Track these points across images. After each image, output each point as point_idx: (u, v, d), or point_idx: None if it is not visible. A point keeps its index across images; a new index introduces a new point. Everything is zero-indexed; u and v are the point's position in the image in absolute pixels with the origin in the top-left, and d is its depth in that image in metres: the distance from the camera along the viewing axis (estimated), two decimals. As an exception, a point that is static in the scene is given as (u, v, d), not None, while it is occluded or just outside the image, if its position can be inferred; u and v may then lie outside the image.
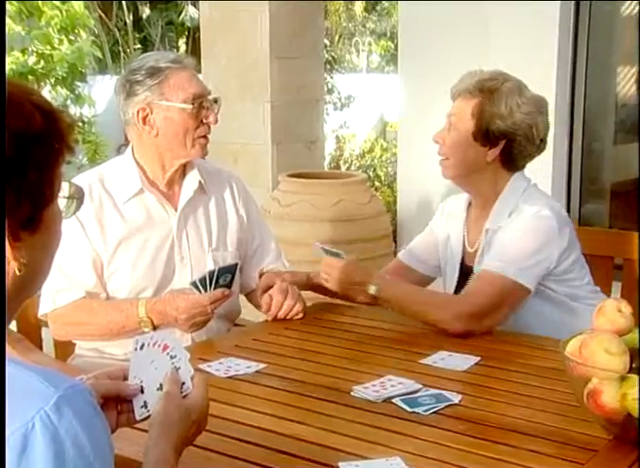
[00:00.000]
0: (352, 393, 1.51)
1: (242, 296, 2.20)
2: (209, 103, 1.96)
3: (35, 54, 6.35)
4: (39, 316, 2.02)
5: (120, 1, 9.67)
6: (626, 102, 3.70)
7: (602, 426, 1.31)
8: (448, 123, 1.99)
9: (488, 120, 1.93)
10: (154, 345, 1.19)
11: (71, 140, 0.94)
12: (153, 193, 1.99)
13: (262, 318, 2.05)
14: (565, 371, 1.33)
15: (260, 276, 2.13)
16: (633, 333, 1.32)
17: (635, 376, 1.23)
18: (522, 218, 1.92)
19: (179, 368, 1.17)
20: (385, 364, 1.67)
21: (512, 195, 1.97)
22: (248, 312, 2.28)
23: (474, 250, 2.03)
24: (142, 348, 1.19)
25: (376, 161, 8.31)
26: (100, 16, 9.37)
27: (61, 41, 6.49)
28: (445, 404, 1.46)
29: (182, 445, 1.12)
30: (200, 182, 2.04)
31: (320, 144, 4.48)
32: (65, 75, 6.33)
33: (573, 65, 3.41)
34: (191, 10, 9.61)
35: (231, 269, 1.92)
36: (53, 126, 0.91)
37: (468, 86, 1.95)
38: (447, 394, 1.49)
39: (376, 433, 1.36)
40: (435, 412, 1.42)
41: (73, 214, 1.01)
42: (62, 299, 1.95)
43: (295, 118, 4.20)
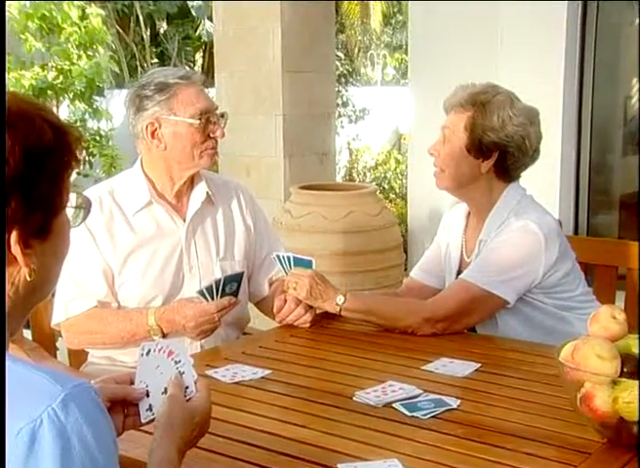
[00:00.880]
0: (354, 398, 1.55)
1: (251, 305, 2.25)
2: (216, 118, 2.01)
3: (54, 69, 6.47)
4: (52, 325, 2.07)
5: (137, 17, 9.81)
6: (635, 114, 3.72)
7: (596, 430, 1.34)
8: (442, 136, 2.02)
9: (480, 133, 1.96)
10: (159, 351, 1.24)
11: (79, 153, 0.99)
12: (162, 205, 2.04)
13: (272, 326, 2.10)
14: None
15: (270, 285, 2.18)
16: (626, 339, 1.35)
17: (626, 380, 1.26)
18: (508, 231, 1.95)
19: (183, 372, 1.21)
20: (388, 370, 1.71)
21: (506, 207, 2.00)
22: (259, 322, 2.33)
23: (470, 259, 2.06)
24: (148, 354, 1.24)
25: (390, 173, 8.36)
26: (118, 31, 9.52)
27: (80, 56, 6.60)
28: (444, 408, 1.49)
29: (186, 446, 1.16)
30: (208, 194, 2.09)
31: (332, 157, 4.54)
32: (84, 90, 6.43)
33: (580, 77, 3.44)
34: (208, 24, 9.74)
35: (237, 278, 1.96)
36: (62, 140, 0.96)
37: (460, 99, 1.98)
38: (446, 399, 1.53)
39: (375, 436, 1.39)
40: (434, 417, 1.46)
41: (81, 223, 1.07)
42: (75, 309, 2.00)
43: (307, 131, 4.26)
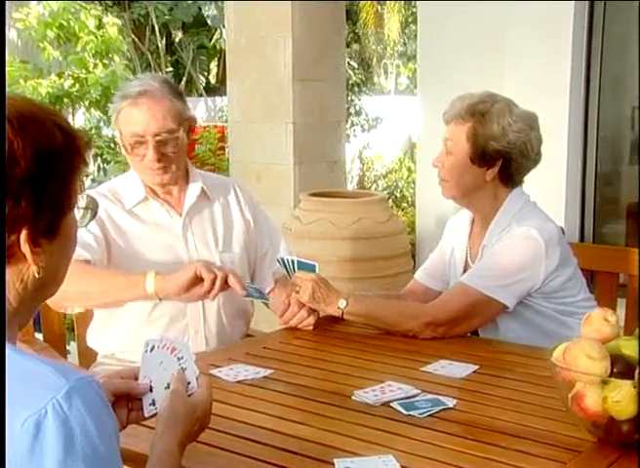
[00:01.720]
0: (353, 397, 1.59)
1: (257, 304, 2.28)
2: (152, 142, 2.00)
3: (71, 77, 6.57)
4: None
5: (153, 26, 9.93)
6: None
7: (587, 429, 1.37)
8: (445, 147, 2.06)
9: (483, 142, 1.99)
10: (163, 348, 1.29)
11: (87, 157, 1.04)
12: (157, 200, 2.12)
13: (275, 329, 2.14)
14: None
15: (275, 281, 2.22)
16: (617, 340, 1.38)
17: (616, 380, 1.29)
18: (509, 237, 1.98)
19: (185, 368, 1.26)
20: (387, 371, 1.75)
21: (509, 213, 2.03)
22: (264, 324, 2.37)
23: (475, 264, 2.10)
24: (152, 350, 1.29)
25: (403, 182, 8.41)
26: (134, 40, 9.64)
27: (96, 65, 6.70)
28: (440, 407, 1.53)
29: (187, 439, 1.20)
30: (203, 189, 2.15)
31: (341, 165, 4.58)
32: (99, 98, 6.52)
33: (586, 87, 3.47)
34: (223, 33, 9.84)
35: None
36: (71, 144, 1.00)
37: (459, 111, 2.01)
38: (443, 399, 1.56)
39: (372, 433, 1.43)
40: (430, 415, 1.49)
41: (88, 224, 1.12)
42: None
43: (317, 139, 4.31)
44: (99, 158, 6.63)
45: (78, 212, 1.07)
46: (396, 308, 2.05)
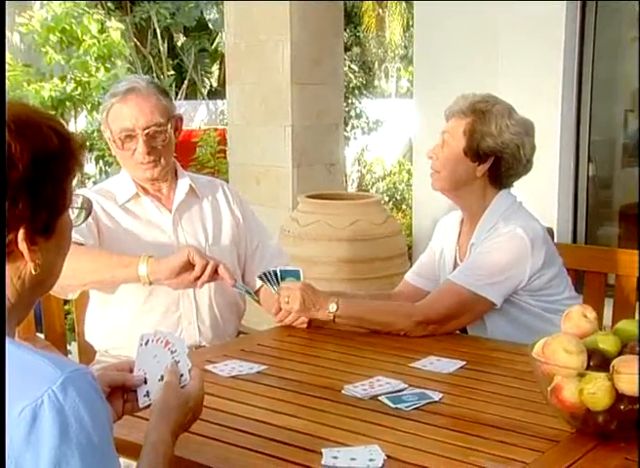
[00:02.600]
0: (343, 391, 1.64)
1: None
2: (142, 137, 2.08)
3: (73, 81, 6.62)
4: None
5: (155, 30, 10.00)
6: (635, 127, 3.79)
7: (566, 420, 1.43)
8: (441, 140, 2.14)
9: (479, 138, 2.07)
10: (157, 341, 1.34)
11: (82, 159, 1.09)
12: (148, 197, 2.20)
13: (267, 326, 2.20)
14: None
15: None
16: (595, 335, 1.44)
17: (591, 373, 1.35)
18: (496, 236, 2.04)
19: (178, 361, 1.31)
20: (377, 367, 1.80)
21: (496, 212, 2.10)
22: (259, 321, 2.42)
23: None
24: (147, 344, 1.35)
25: (403, 184, 8.46)
26: (136, 44, 9.70)
27: (98, 68, 6.74)
28: (426, 401, 1.58)
29: (179, 429, 1.24)
30: (191, 186, 2.23)
31: (339, 167, 4.64)
32: (101, 101, 6.57)
33: (578, 90, 3.53)
34: (224, 37, 9.91)
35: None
36: (66, 146, 1.05)
37: (462, 107, 2.10)
38: (429, 392, 1.62)
39: (360, 425, 1.48)
40: (417, 409, 1.55)
41: (82, 223, 1.17)
42: None
43: (315, 142, 4.37)
44: (100, 160, 6.68)
45: (73, 211, 1.12)
46: (387, 309, 2.10)
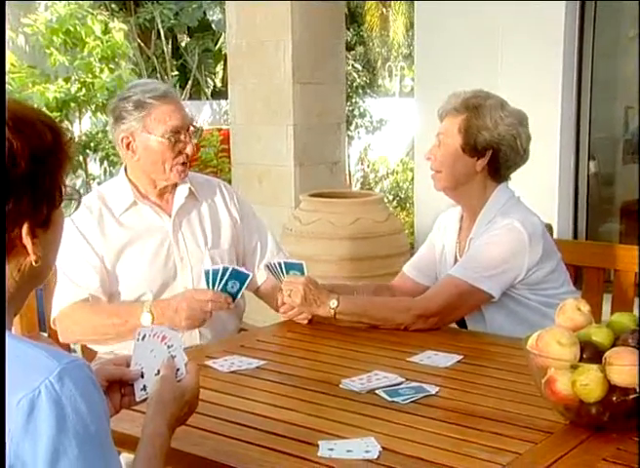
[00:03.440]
0: (340, 385, 1.67)
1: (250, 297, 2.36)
2: (186, 135, 2.14)
3: (78, 82, 6.66)
4: (51, 324, 2.18)
5: (159, 31, 10.03)
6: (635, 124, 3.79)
7: (559, 412, 1.44)
8: (437, 141, 2.16)
9: (475, 133, 2.09)
10: (154, 336, 1.36)
11: (71, 152, 1.11)
12: (146, 203, 2.20)
13: (265, 323, 2.22)
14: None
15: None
16: (588, 328, 1.46)
17: (584, 365, 1.37)
18: (494, 229, 2.07)
19: (174, 356, 1.33)
20: (375, 361, 1.82)
21: (494, 206, 2.12)
22: (261, 318, 2.44)
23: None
24: (144, 339, 1.37)
25: (407, 183, 8.47)
26: (140, 45, 9.74)
27: (102, 70, 6.78)
28: (423, 394, 1.60)
29: (176, 422, 1.26)
30: (190, 189, 2.24)
31: (341, 166, 4.66)
32: (105, 102, 6.59)
33: (578, 88, 3.54)
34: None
35: (243, 278, 2.04)
36: (58, 140, 1.08)
37: (455, 105, 2.12)
38: (426, 386, 1.64)
39: (356, 418, 1.50)
40: (413, 402, 1.57)
41: (73, 213, 1.18)
42: (67, 300, 2.12)
43: (317, 141, 4.39)
44: (105, 161, 6.72)
45: (63, 202, 1.14)
46: (386, 304, 2.12)
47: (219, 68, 11.51)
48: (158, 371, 1.31)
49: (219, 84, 11.74)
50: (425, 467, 1.31)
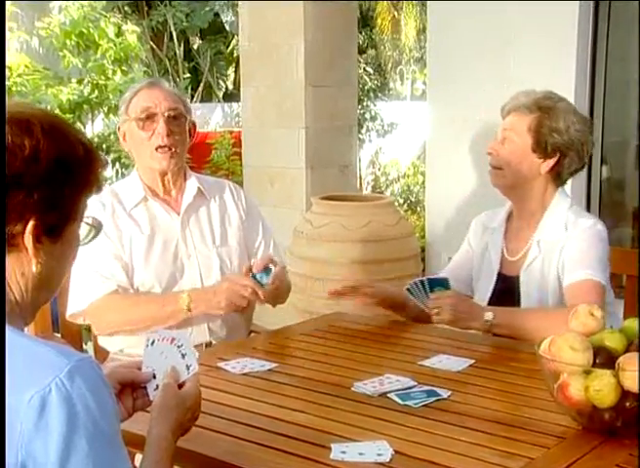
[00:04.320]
0: (352, 388, 1.67)
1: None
2: (163, 118, 2.15)
3: (90, 84, 6.69)
4: (68, 317, 2.20)
5: (171, 33, 10.07)
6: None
7: (572, 417, 1.44)
8: (502, 137, 2.14)
9: (547, 134, 2.08)
10: (163, 340, 1.37)
11: (101, 178, 1.13)
12: (156, 200, 2.24)
13: (278, 325, 2.22)
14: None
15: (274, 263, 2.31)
16: (601, 333, 1.45)
17: (597, 370, 1.36)
18: (583, 229, 2.06)
19: (185, 354, 1.34)
20: (387, 365, 1.82)
21: (561, 209, 2.12)
22: (277, 322, 2.45)
23: (516, 259, 2.15)
24: (153, 344, 1.37)
25: (418, 186, 8.47)
26: (152, 47, 9.78)
27: (115, 72, 6.80)
28: (435, 398, 1.60)
29: (178, 428, 1.26)
30: (199, 188, 2.27)
31: (353, 169, 4.66)
32: (118, 104, 6.63)
33: (591, 92, 3.52)
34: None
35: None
36: (90, 159, 1.10)
37: (525, 103, 2.11)
38: (438, 390, 1.64)
39: (368, 421, 1.51)
40: (425, 405, 1.57)
41: (90, 242, 1.19)
42: (98, 293, 2.14)
43: (329, 143, 4.39)
44: (117, 163, 6.75)
45: (83, 228, 1.14)
46: (541, 316, 1.96)
47: (230, 71, 11.55)
48: None
49: (230, 86, 11.78)
50: (437, 471, 1.31)
